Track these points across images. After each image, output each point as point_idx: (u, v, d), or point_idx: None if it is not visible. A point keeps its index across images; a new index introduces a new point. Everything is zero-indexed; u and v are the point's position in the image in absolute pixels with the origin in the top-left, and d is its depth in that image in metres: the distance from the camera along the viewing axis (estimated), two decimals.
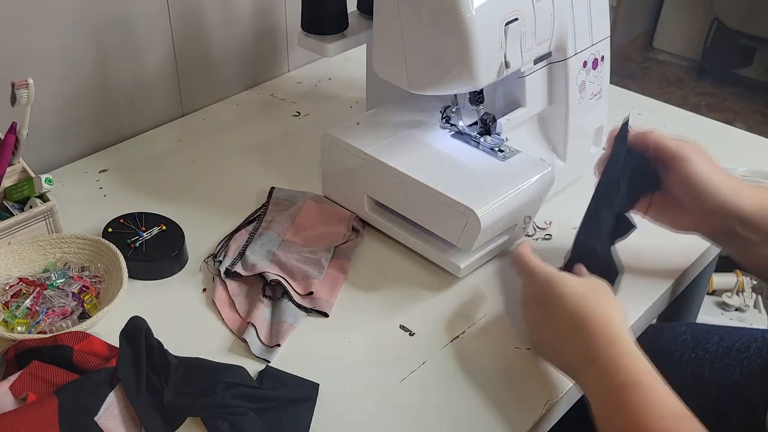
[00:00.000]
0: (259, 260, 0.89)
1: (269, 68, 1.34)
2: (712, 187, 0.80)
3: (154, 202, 1.02)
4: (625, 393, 0.65)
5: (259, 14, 1.27)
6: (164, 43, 1.16)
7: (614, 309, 0.72)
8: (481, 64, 0.82)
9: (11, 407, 0.68)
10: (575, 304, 0.72)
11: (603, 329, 0.70)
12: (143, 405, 0.70)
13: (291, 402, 0.74)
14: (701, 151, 0.82)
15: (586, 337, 0.70)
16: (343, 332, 0.84)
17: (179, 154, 1.13)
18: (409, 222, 0.93)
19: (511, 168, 0.91)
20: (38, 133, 1.03)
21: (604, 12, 0.98)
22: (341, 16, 1.02)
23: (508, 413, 0.75)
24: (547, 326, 0.75)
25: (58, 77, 1.06)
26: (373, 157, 0.91)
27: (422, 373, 0.79)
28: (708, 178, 0.80)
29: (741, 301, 1.95)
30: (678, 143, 0.82)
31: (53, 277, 0.84)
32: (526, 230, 0.97)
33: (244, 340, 0.81)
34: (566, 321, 0.72)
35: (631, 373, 0.66)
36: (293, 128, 1.20)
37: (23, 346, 0.74)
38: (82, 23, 1.05)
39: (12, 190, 0.91)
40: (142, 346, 0.73)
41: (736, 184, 0.81)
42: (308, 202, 0.99)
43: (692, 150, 0.81)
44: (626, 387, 0.65)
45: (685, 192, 0.82)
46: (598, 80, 1.01)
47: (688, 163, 0.80)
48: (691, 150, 0.81)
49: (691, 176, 0.80)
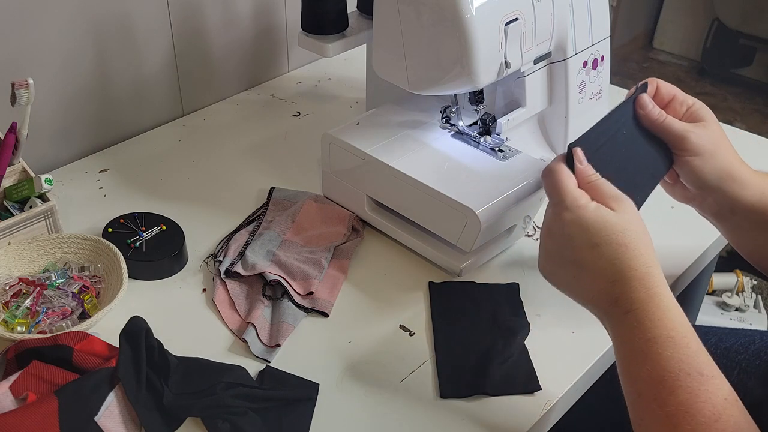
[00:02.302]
0: (259, 260, 0.89)
1: (269, 68, 1.34)
2: (712, 181, 0.78)
3: (154, 202, 1.02)
4: (656, 346, 0.63)
5: (259, 14, 1.27)
6: (164, 43, 1.16)
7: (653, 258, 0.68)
8: (481, 64, 0.82)
9: (11, 407, 0.68)
10: (615, 255, 0.67)
11: (642, 281, 0.66)
12: (143, 405, 0.70)
13: (291, 402, 0.74)
14: (709, 137, 0.78)
15: (623, 288, 0.67)
16: (343, 332, 0.84)
17: (179, 154, 1.13)
18: (409, 222, 0.93)
19: (511, 168, 0.91)
20: (38, 133, 1.03)
21: (604, 12, 0.98)
22: (341, 16, 1.02)
23: (508, 413, 0.75)
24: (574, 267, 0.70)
25: (58, 77, 1.06)
26: (373, 157, 0.91)
27: (422, 373, 0.79)
28: (708, 172, 0.78)
29: (741, 301, 1.95)
30: (683, 132, 0.78)
31: (53, 277, 0.84)
32: (526, 230, 0.97)
33: (244, 340, 0.81)
34: (601, 269, 0.68)
35: (666, 327, 0.64)
36: (293, 128, 1.20)
37: (23, 346, 0.74)
38: (82, 23, 1.05)
39: (12, 190, 0.91)
40: (142, 346, 0.72)
41: (736, 175, 0.79)
42: (308, 202, 0.99)
43: (699, 139, 0.78)
44: (659, 340, 0.63)
45: (683, 175, 0.81)
46: (598, 80, 1.01)
47: (691, 156, 0.78)
48: (698, 140, 0.78)
49: (694, 170, 0.79)
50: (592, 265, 0.69)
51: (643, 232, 0.69)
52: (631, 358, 0.66)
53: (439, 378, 0.78)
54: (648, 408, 0.63)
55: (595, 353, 0.81)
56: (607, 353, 0.82)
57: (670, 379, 0.62)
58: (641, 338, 0.65)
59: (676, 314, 0.65)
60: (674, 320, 0.65)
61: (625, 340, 0.66)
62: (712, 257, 1.01)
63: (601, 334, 0.83)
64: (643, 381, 0.64)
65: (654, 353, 0.63)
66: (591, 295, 0.70)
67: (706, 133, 0.78)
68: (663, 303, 0.66)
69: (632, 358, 0.65)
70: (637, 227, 0.69)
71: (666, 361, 0.62)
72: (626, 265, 0.67)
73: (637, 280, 0.66)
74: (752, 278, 2.00)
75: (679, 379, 0.61)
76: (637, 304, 0.66)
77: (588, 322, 0.85)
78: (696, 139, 0.78)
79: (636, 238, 0.68)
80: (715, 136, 0.79)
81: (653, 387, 0.63)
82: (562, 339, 0.83)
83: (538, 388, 0.77)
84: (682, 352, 0.63)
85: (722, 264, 1.91)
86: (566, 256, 0.70)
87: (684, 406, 0.60)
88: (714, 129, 0.79)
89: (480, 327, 0.83)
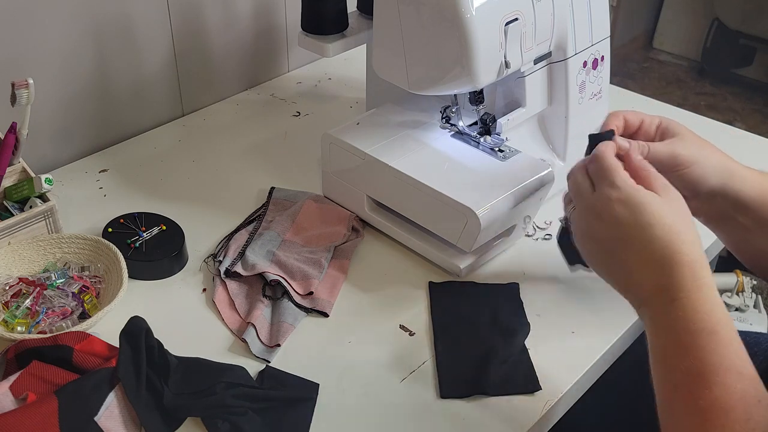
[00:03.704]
0: (259, 260, 0.89)
1: (269, 68, 1.34)
2: (714, 182, 0.78)
3: (154, 202, 1.02)
4: (699, 339, 0.63)
5: (259, 14, 1.27)
6: (164, 43, 1.16)
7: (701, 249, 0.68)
8: (481, 64, 0.82)
9: (11, 407, 0.68)
10: (667, 238, 0.66)
11: (692, 269, 0.65)
12: (143, 405, 0.70)
13: (291, 402, 0.74)
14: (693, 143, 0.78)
15: (672, 274, 0.66)
16: (343, 332, 0.84)
17: (179, 154, 1.13)
18: (409, 222, 0.93)
19: (511, 168, 0.91)
20: (38, 133, 1.03)
21: (604, 12, 0.98)
22: (341, 16, 1.02)
23: (508, 413, 0.75)
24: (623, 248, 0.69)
25: (58, 77, 1.06)
26: (373, 157, 0.91)
27: (422, 373, 0.79)
28: (709, 175, 0.78)
29: (741, 301, 1.95)
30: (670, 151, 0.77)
31: (53, 277, 0.84)
32: (526, 230, 0.97)
33: (244, 340, 0.81)
34: (652, 253, 0.67)
35: (711, 321, 0.63)
36: (293, 128, 1.20)
37: (23, 346, 0.74)
38: (82, 23, 1.05)
39: (12, 190, 0.91)
40: (142, 346, 0.73)
41: (734, 170, 0.79)
42: (308, 202, 0.99)
43: (687, 150, 0.78)
44: (703, 333, 0.63)
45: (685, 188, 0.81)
46: (598, 80, 1.01)
47: (687, 168, 0.78)
48: (686, 150, 0.78)
49: (695, 179, 0.78)
50: (644, 246, 0.67)
51: (692, 222, 0.69)
52: (670, 349, 0.65)
53: (439, 378, 0.78)
54: (682, 400, 0.62)
55: (595, 353, 0.81)
56: (607, 353, 0.83)
57: (710, 374, 0.61)
58: (685, 329, 0.64)
59: (721, 308, 0.65)
60: (720, 314, 0.64)
61: (668, 329, 0.65)
62: (712, 257, 1.01)
63: (601, 334, 0.84)
64: (682, 373, 0.63)
65: (697, 346, 0.63)
66: (636, 279, 0.68)
67: (689, 143, 0.78)
68: (710, 295, 0.65)
69: (672, 349, 0.64)
70: (686, 217, 0.69)
71: (709, 355, 0.62)
72: (677, 249, 0.66)
73: (687, 267, 0.66)
74: (752, 278, 2.00)
75: (719, 375, 0.61)
76: (685, 292, 0.65)
77: (588, 322, 0.85)
78: (684, 151, 0.77)
79: (686, 226, 0.68)
80: (697, 141, 0.79)
81: (691, 380, 0.62)
82: (562, 339, 0.83)
83: (538, 388, 0.77)
84: (725, 348, 0.62)
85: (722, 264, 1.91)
86: (615, 236, 0.69)
87: (719, 402, 0.60)
88: (691, 136, 0.79)
89: (480, 327, 0.83)
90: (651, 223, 0.67)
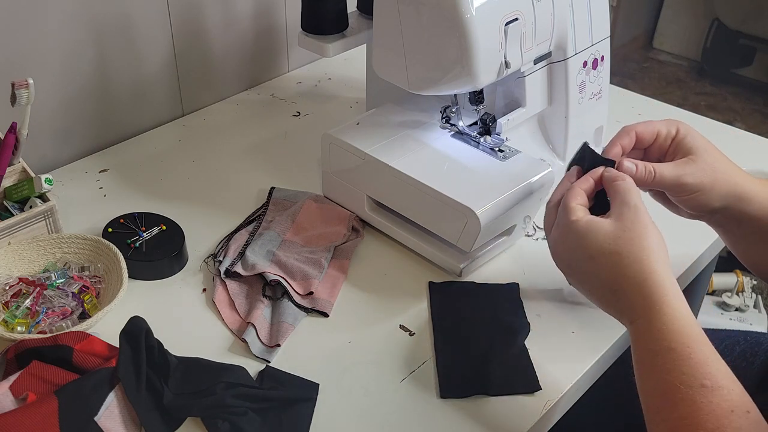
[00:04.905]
0: (259, 260, 0.89)
1: (269, 68, 1.34)
2: (718, 206, 0.77)
3: (154, 202, 1.02)
4: (657, 359, 0.63)
5: (259, 14, 1.27)
6: (164, 43, 1.16)
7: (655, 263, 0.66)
8: (481, 64, 0.82)
9: (11, 407, 0.68)
10: (609, 265, 0.67)
11: (640, 291, 0.65)
12: (143, 405, 0.70)
13: (291, 402, 0.74)
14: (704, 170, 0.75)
15: (622, 299, 0.67)
16: (343, 332, 0.84)
17: (179, 154, 1.13)
18: (409, 222, 0.93)
19: (511, 168, 0.91)
20: (38, 133, 1.03)
21: (604, 12, 0.98)
22: (341, 16, 1.02)
23: (508, 413, 0.75)
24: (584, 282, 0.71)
25: (58, 77, 1.06)
26: (373, 157, 0.91)
27: (422, 373, 0.79)
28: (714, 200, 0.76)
29: (741, 301, 1.95)
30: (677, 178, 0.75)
31: (53, 277, 0.84)
32: (526, 230, 0.97)
33: (244, 340, 0.81)
34: (603, 281, 0.68)
35: (666, 339, 0.63)
36: (293, 128, 1.20)
37: (23, 346, 0.74)
38: (82, 23, 1.05)
39: (12, 190, 0.91)
40: (142, 346, 0.73)
41: (742, 193, 0.76)
42: (308, 202, 0.99)
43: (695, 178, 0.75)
44: (661, 353, 0.63)
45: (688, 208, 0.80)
46: (598, 80, 1.01)
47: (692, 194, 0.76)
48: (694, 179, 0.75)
49: (698, 204, 0.76)
50: (594, 278, 0.69)
51: (642, 236, 0.67)
52: (638, 370, 0.65)
53: (439, 378, 0.78)
54: (653, 420, 0.63)
55: (595, 353, 0.81)
56: (607, 353, 0.82)
57: (671, 392, 0.61)
58: (644, 350, 0.64)
59: (679, 323, 0.64)
60: (677, 330, 0.63)
61: (635, 350, 0.66)
62: (712, 257, 1.01)
63: (601, 334, 0.84)
64: (648, 394, 0.63)
65: (656, 366, 0.63)
66: (603, 308, 0.71)
67: (700, 167, 0.75)
68: (664, 311, 0.64)
69: (639, 370, 0.65)
70: (633, 233, 0.68)
71: (667, 374, 0.62)
72: (620, 273, 0.67)
73: (635, 288, 0.66)
74: (752, 278, 2.00)
75: (680, 392, 0.60)
76: (638, 313, 0.65)
77: (588, 322, 0.85)
78: (692, 180, 0.75)
79: (629, 244, 0.67)
80: (710, 163, 0.75)
81: (656, 400, 0.62)
82: (562, 339, 0.83)
83: (538, 388, 0.77)
84: (685, 364, 0.61)
85: (722, 264, 1.91)
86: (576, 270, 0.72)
87: (686, 420, 0.60)
88: (705, 158, 0.75)
89: (480, 327, 0.83)
90: (593, 255, 0.68)
